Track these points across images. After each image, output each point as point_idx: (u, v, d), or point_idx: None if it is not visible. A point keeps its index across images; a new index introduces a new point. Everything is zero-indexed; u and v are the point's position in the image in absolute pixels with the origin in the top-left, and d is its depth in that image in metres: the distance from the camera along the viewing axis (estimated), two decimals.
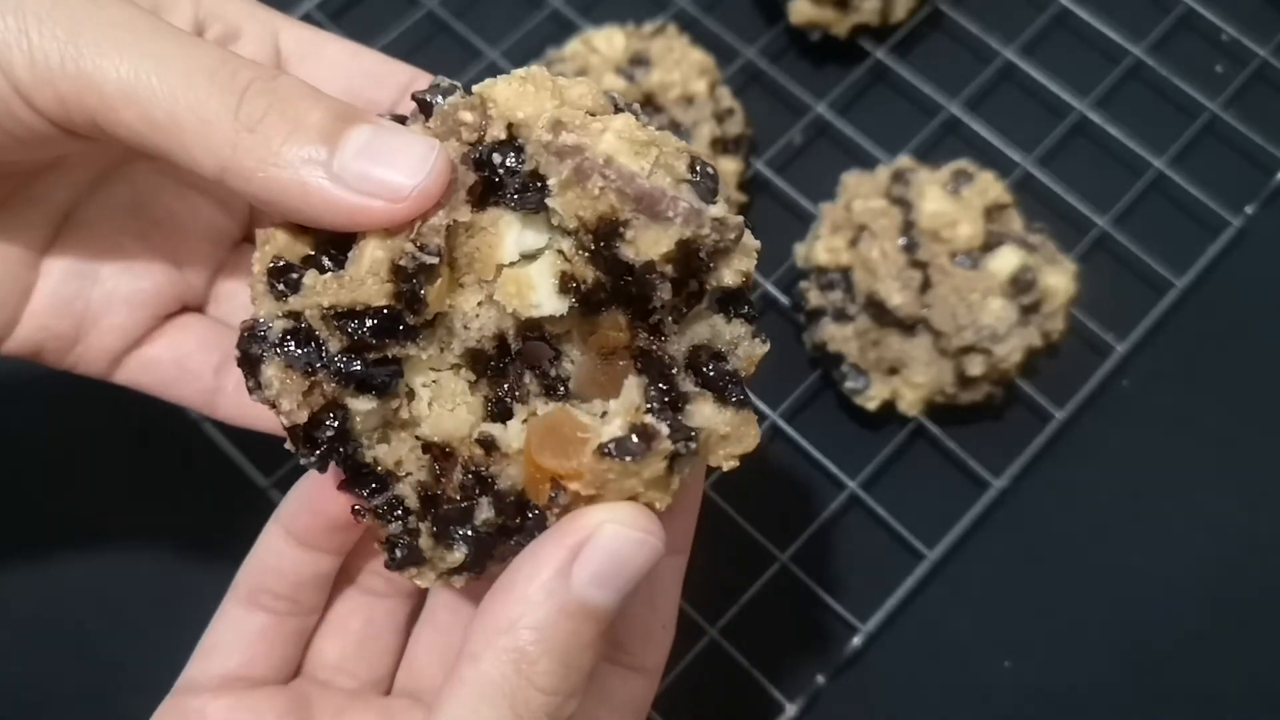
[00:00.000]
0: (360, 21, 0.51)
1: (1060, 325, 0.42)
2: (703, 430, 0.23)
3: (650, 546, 0.23)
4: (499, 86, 0.23)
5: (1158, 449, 0.45)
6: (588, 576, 0.23)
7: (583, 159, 0.22)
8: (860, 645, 0.41)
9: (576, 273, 0.23)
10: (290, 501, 0.28)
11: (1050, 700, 0.41)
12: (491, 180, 0.23)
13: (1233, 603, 0.42)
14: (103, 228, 0.31)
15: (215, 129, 0.23)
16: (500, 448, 0.24)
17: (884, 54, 0.50)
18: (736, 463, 0.24)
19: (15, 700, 0.40)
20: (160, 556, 0.42)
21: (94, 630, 0.41)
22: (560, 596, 0.22)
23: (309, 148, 0.23)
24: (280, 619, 0.28)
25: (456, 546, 0.25)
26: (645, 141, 0.23)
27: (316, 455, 0.24)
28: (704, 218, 0.23)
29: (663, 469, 0.23)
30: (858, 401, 0.43)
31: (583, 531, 0.23)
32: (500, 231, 0.23)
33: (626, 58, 0.46)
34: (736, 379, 0.24)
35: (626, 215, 0.22)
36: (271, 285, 0.24)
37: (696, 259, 0.23)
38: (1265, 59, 0.50)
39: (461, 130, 0.23)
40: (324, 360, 0.23)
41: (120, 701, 0.41)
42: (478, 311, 0.24)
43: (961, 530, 0.42)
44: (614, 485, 0.23)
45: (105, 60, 0.23)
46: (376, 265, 0.23)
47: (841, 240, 0.43)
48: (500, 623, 0.22)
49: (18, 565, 0.42)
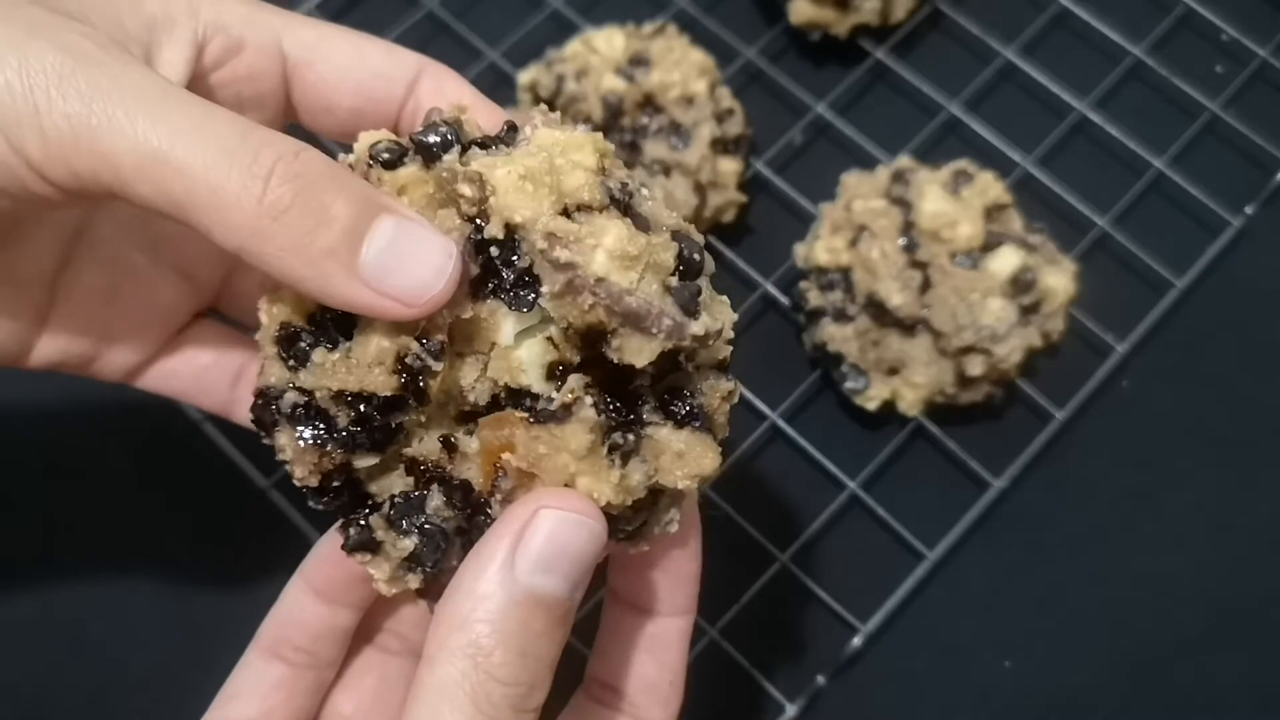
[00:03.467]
0: (360, 21, 0.51)
1: (1060, 325, 0.42)
2: (649, 438, 0.24)
3: (587, 528, 0.23)
4: (499, 173, 0.24)
5: (1158, 449, 0.45)
6: (531, 563, 0.23)
7: (575, 275, 0.23)
8: (860, 645, 0.41)
9: (564, 358, 0.25)
10: (314, 555, 0.29)
11: (1050, 700, 0.41)
12: (488, 266, 0.24)
13: (1233, 603, 0.42)
14: (113, 245, 0.30)
15: (237, 213, 0.22)
16: (460, 449, 0.25)
17: (884, 54, 0.50)
18: (693, 484, 0.25)
19: (15, 700, 0.40)
20: (160, 557, 0.43)
21: (94, 630, 0.41)
22: (508, 587, 0.23)
23: (333, 242, 0.23)
24: (299, 671, 0.29)
25: (409, 535, 0.25)
26: (635, 256, 0.24)
27: (325, 500, 0.26)
28: (685, 333, 0.24)
29: (589, 442, 0.23)
30: (858, 401, 0.43)
31: (521, 519, 0.23)
32: (496, 321, 0.25)
33: (626, 58, 0.46)
34: (699, 412, 0.25)
35: (614, 326, 0.24)
36: (280, 355, 0.25)
37: (678, 358, 0.25)
38: (1265, 59, 0.50)
39: (460, 202, 0.24)
40: (333, 434, 0.25)
41: (120, 701, 0.41)
42: (474, 385, 0.25)
43: (961, 530, 0.42)
44: (547, 462, 0.24)
45: (121, 138, 0.22)
46: (383, 355, 0.24)
47: (841, 240, 0.43)
48: (453, 621, 0.23)
49: (18, 565, 0.42)
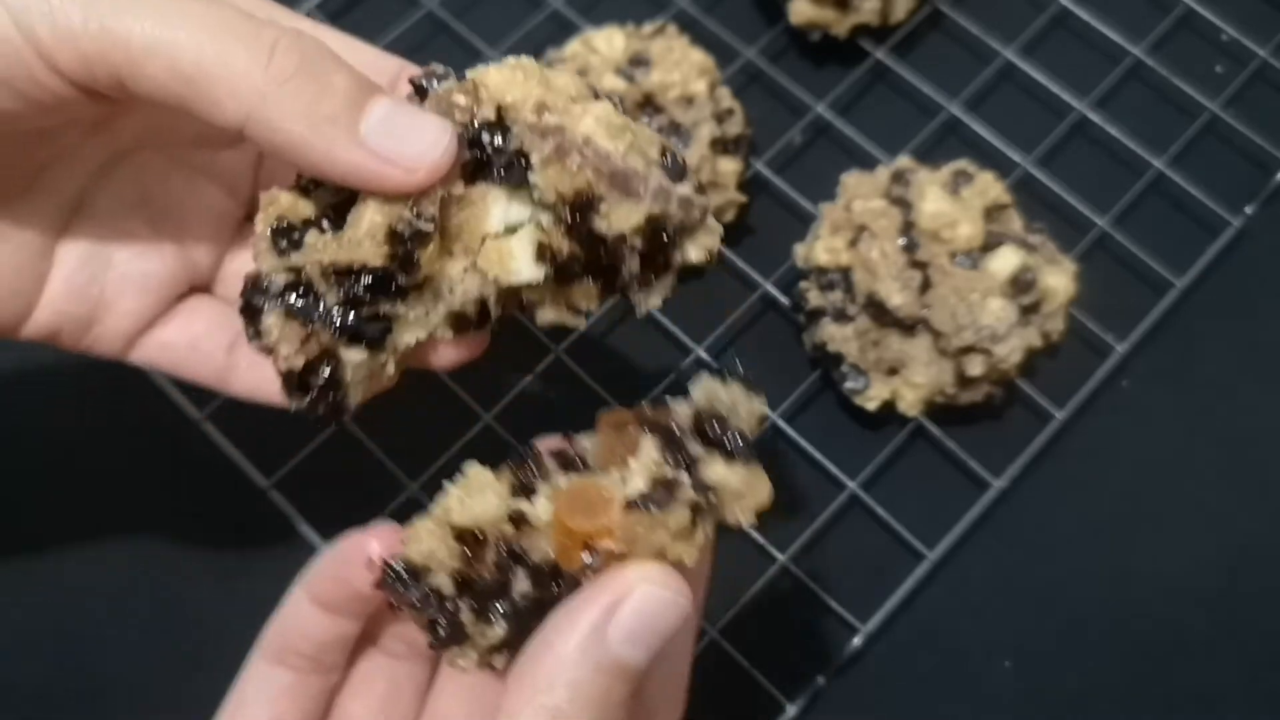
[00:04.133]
0: (360, 21, 0.51)
1: (1060, 325, 0.42)
2: (718, 487, 0.24)
3: (680, 606, 0.24)
4: (491, 72, 0.25)
5: (1158, 449, 0.45)
6: (623, 635, 0.23)
7: (563, 138, 0.25)
8: (860, 645, 0.41)
9: (553, 244, 0.26)
10: (316, 569, 0.29)
11: (1050, 700, 0.41)
12: (480, 159, 0.25)
13: (1233, 602, 0.42)
14: (112, 214, 0.31)
15: (244, 79, 0.24)
16: (530, 522, 0.25)
17: (884, 54, 0.50)
18: (754, 519, 0.25)
19: (15, 700, 0.40)
20: (160, 557, 0.43)
21: (94, 630, 0.41)
22: (595, 655, 0.23)
23: (336, 109, 0.24)
24: (305, 677, 0.29)
25: (497, 622, 0.25)
26: (621, 126, 0.25)
27: (308, 400, 0.26)
28: (672, 195, 0.25)
29: (688, 519, 0.24)
30: (858, 401, 0.43)
31: (617, 591, 0.24)
32: (487, 205, 0.26)
33: (626, 58, 0.46)
34: (741, 435, 0.25)
35: (601, 191, 0.25)
36: (274, 243, 0.26)
37: (664, 235, 0.25)
38: (1265, 59, 0.50)
39: (455, 111, 0.25)
40: (321, 312, 0.26)
41: (120, 701, 0.41)
42: (463, 277, 0.26)
43: (961, 530, 0.42)
44: (643, 540, 0.24)
45: (129, 17, 0.23)
46: (375, 229, 0.25)
47: (841, 240, 0.43)
48: (538, 681, 0.23)
49: (17, 565, 0.42)
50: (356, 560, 0.27)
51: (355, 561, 0.27)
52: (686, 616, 0.24)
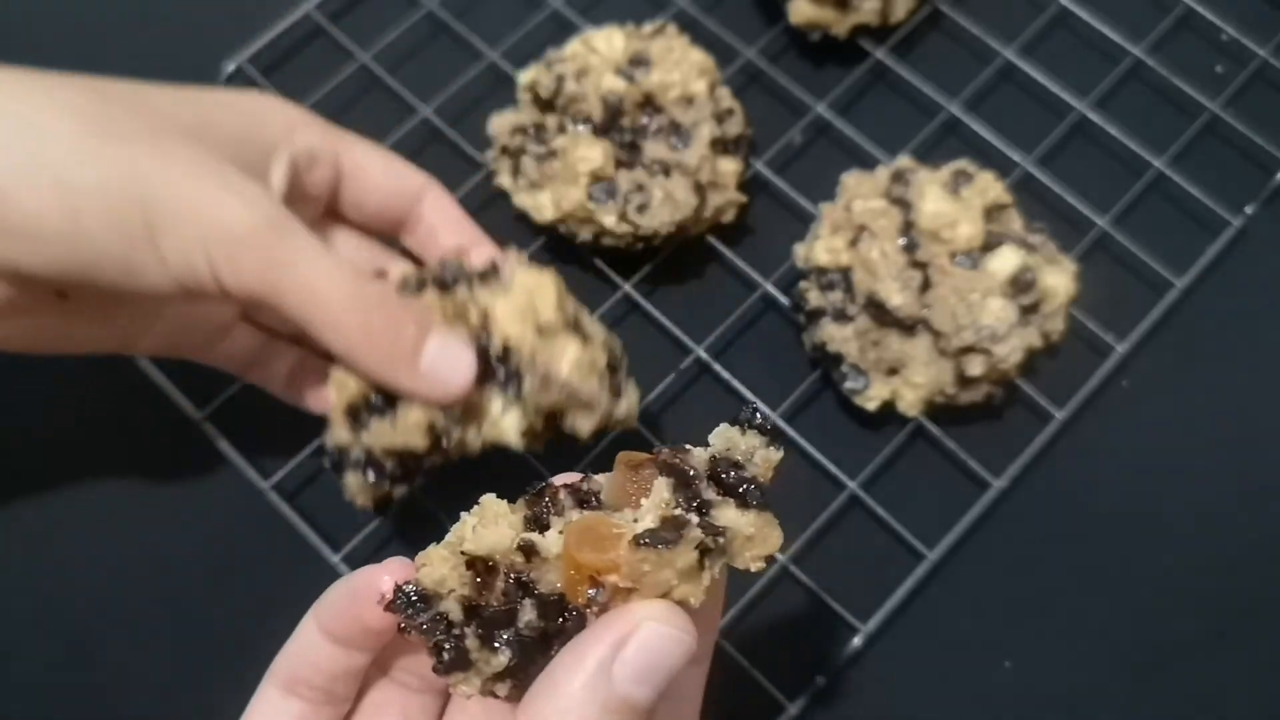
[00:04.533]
0: (360, 22, 0.51)
1: (1060, 325, 0.42)
2: (729, 530, 0.25)
3: (686, 645, 0.24)
4: (498, 306, 0.36)
5: (1158, 449, 0.45)
6: (629, 673, 0.24)
7: (548, 372, 0.36)
8: (860, 645, 0.41)
9: (533, 428, 0.37)
10: (328, 602, 0.29)
11: (1050, 700, 0.41)
12: (486, 368, 0.36)
13: (1233, 603, 0.42)
14: None
15: (349, 332, 0.34)
16: (540, 553, 0.26)
17: (884, 54, 0.50)
18: (763, 564, 0.26)
19: (15, 700, 0.40)
20: (160, 557, 0.43)
21: (94, 630, 0.41)
22: (603, 692, 0.23)
23: (405, 352, 0.35)
24: (315, 708, 0.29)
25: (501, 650, 0.26)
26: (589, 365, 0.37)
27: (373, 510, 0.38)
28: (613, 413, 0.38)
29: (694, 559, 0.24)
30: (858, 401, 0.43)
31: (624, 629, 0.24)
32: (490, 400, 0.37)
33: (626, 58, 0.46)
34: (756, 484, 0.26)
35: (569, 408, 0.37)
36: (348, 421, 0.37)
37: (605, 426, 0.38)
38: (1265, 59, 0.50)
39: (469, 318, 0.36)
40: (382, 476, 0.36)
41: (120, 701, 0.41)
42: (473, 441, 0.37)
43: (961, 530, 0.42)
44: (649, 578, 0.24)
45: (292, 280, 0.33)
46: (420, 423, 0.35)
47: (841, 240, 0.43)
48: (545, 717, 0.23)
49: (17, 565, 0.42)
50: (368, 595, 0.27)
51: (367, 596, 0.27)
52: (692, 654, 0.24)
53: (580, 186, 0.44)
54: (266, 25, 0.50)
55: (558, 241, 0.47)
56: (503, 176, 0.46)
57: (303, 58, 0.51)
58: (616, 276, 0.46)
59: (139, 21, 0.53)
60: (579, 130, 0.45)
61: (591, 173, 0.44)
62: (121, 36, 0.52)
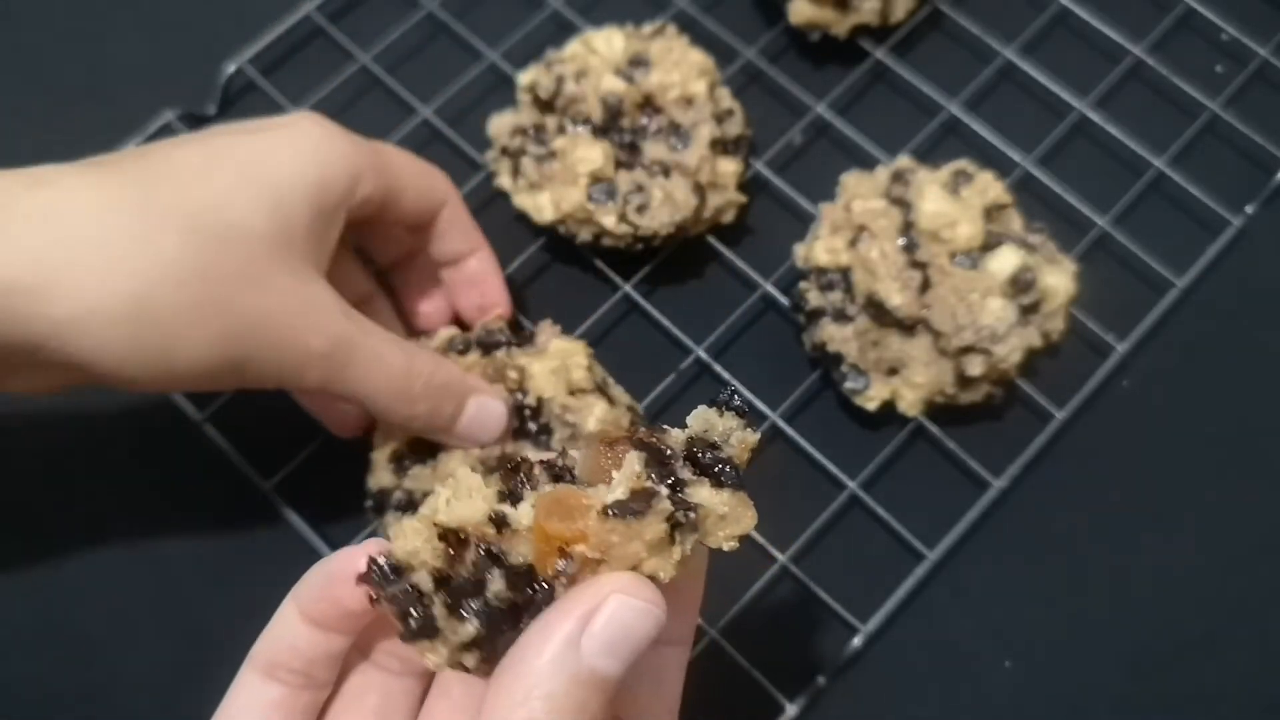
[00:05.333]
0: (360, 22, 0.51)
1: (1060, 325, 0.42)
2: (701, 507, 0.25)
3: (654, 617, 0.24)
4: (535, 368, 0.41)
5: (1158, 449, 0.45)
6: (597, 646, 0.24)
7: (575, 429, 0.40)
8: (860, 645, 0.41)
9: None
10: (306, 585, 0.29)
11: (1050, 700, 0.41)
12: (521, 423, 0.41)
13: (1233, 603, 0.42)
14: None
15: (398, 413, 0.38)
16: (511, 525, 0.26)
17: (884, 54, 0.50)
18: (736, 544, 0.26)
19: (15, 700, 0.40)
20: (160, 557, 0.43)
21: (94, 630, 0.42)
22: (571, 666, 0.23)
23: (445, 423, 0.39)
24: (295, 691, 0.29)
25: (468, 620, 0.26)
26: (613, 420, 0.40)
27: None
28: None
29: (663, 532, 0.24)
30: (858, 401, 0.43)
31: (591, 602, 0.24)
32: (523, 451, 0.40)
33: (626, 59, 0.46)
34: (731, 464, 0.26)
35: None
36: (392, 468, 0.41)
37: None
38: (1265, 59, 0.50)
39: (508, 379, 0.41)
40: None
41: (120, 701, 0.41)
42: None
43: (961, 530, 0.42)
44: (618, 550, 0.24)
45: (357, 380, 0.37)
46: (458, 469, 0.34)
47: (841, 240, 0.43)
48: (515, 695, 0.23)
49: (17, 565, 0.42)
50: (346, 577, 0.27)
51: (345, 578, 0.27)
52: (661, 626, 0.24)
53: (580, 187, 0.44)
54: (267, 26, 0.50)
55: (557, 242, 0.47)
56: (502, 177, 0.46)
57: (303, 58, 0.51)
58: (616, 276, 0.46)
59: (139, 22, 0.53)
60: (579, 131, 0.45)
61: (591, 173, 0.44)
62: (122, 37, 0.52)
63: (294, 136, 0.38)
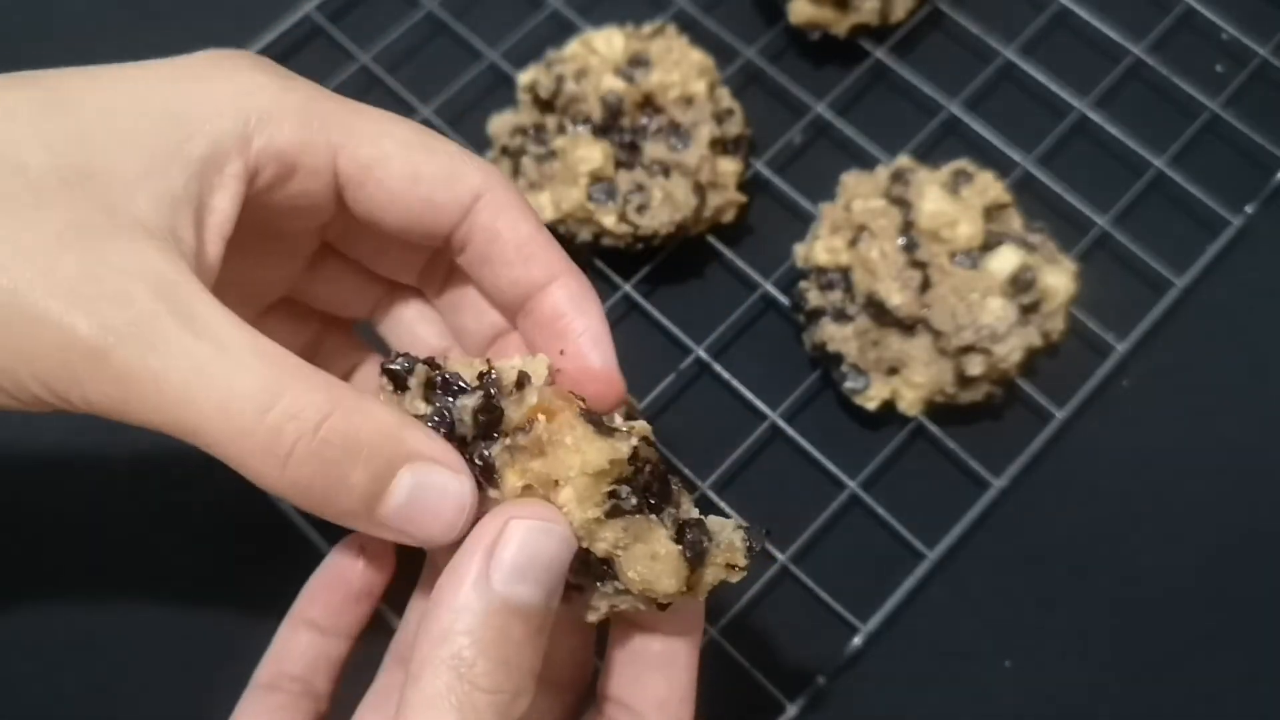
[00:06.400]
0: (360, 22, 0.51)
1: (1060, 325, 0.42)
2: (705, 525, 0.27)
3: (556, 535, 0.25)
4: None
5: (1158, 449, 0.45)
6: (505, 572, 0.24)
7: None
8: (860, 645, 0.41)
9: None
10: (309, 587, 0.30)
11: (1050, 700, 0.41)
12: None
13: (1234, 603, 0.42)
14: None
15: (262, 480, 0.25)
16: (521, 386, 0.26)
17: (884, 54, 0.50)
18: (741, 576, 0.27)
19: (15, 700, 0.40)
20: (160, 557, 0.43)
21: (94, 632, 0.41)
22: (485, 597, 0.24)
23: (351, 506, 0.25)
24: (295, 699, 0.30)
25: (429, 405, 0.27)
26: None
27: None
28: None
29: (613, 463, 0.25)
30: (858, 401, 0.43)
31: (492, 534, 0.24)
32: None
33: (626, 58, 0.46)
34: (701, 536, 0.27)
35: None
36: None
37: None
38: (1265, 59, 0.50)
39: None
40: None
41: (120, 702, 0.41)
42: None
43: (961, 530, 0.42)
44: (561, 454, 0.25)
45: (155, 414, 0.24)
46: None
47: (841, 240, 0.43)
48: (435, 635, 0.24)
49: (17, 566, 0.42)
50: (348, 555, 0.28)
51: (347, 555, 0.28)
52: (568, 543, 0.25)
53: (580, 187, 0.44)
54: (266, 26, 0.50)
55: (557, 242, 0.47)
56: None
57: (303, 58, 0.51)
58: (616, 276, 0.46)
59: (138, 22, 0.53)
60: (579, 131, 0.45)
61: (591, 173, 0.44)
62: (120, 37, 0.52)
63: (178, 63, 0.27)
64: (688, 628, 0.29)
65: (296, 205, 0.28)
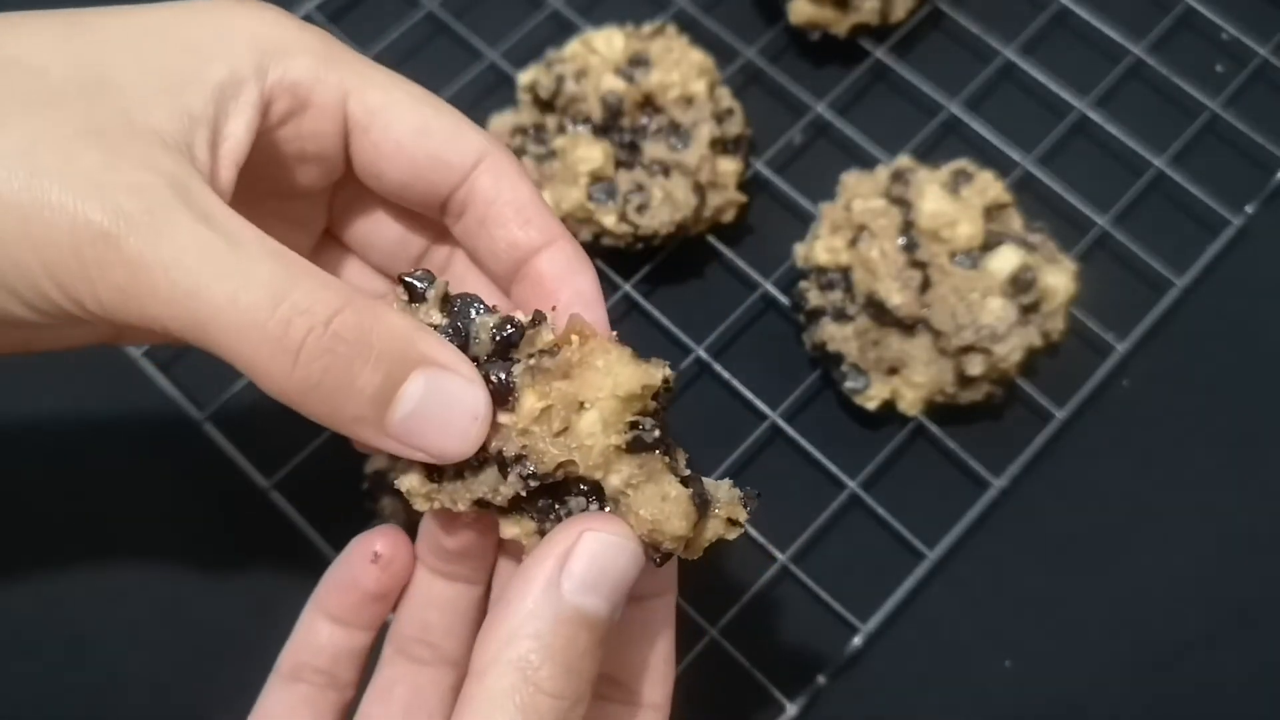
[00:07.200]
0: (360, 21, 0.51)
1: (1060, 325, 0.42)
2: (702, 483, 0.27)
3: (628, 551, 0.25)
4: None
5: (1158, 449, 0.45)
6: (576, 583, 0.24)
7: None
8: (860, 645, 0.41)
9: None
10: (325, 582, 0.30)
11: (1050, 700, 0.41)
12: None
13: (1234, 603, 0.42)
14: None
15: (270, 380, 0.24)
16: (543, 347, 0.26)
17: (884, 54, 0.50)
18: (738, 533, 0.27)
19: (15, 700, 0.40)
20: (160, 557, 0.43)
21: (94, 630, 0.41)
22: (555, 605, 0.24)
23: (360, 411, 0.24)
24: (320, 691, 0.30)
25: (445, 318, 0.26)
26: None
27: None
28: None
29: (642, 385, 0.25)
30: (858, 401, 0.43)
31: (564, 543, 0.25)
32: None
33: (626, 58, 0.46)
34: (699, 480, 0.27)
35: None
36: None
37: None
38: (1265, 59, 0.50)
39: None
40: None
41: (120, 701, 0.41)
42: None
43: (961, 530, 0.42)
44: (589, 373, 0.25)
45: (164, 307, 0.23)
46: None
47: (841, 240, 0.43)
48: (502, 636, 0.24)
49: (17, 566, 0.42)
50: (363, 558, 0.28)
51: (362, 559, 0.28)
52: (640, 560, 0.25)
53: (580, 187, 0.44)
54: None
55: None
56: None
57: None
58: (616, 276, 0.46)
59: None
60: (579, 130, 0.45)
61: (591, 173, 0.44)
62: None
63: (197, 4, 0.28)
64: (662, 587, 0.29)
65: (305, 150, 0.29)
